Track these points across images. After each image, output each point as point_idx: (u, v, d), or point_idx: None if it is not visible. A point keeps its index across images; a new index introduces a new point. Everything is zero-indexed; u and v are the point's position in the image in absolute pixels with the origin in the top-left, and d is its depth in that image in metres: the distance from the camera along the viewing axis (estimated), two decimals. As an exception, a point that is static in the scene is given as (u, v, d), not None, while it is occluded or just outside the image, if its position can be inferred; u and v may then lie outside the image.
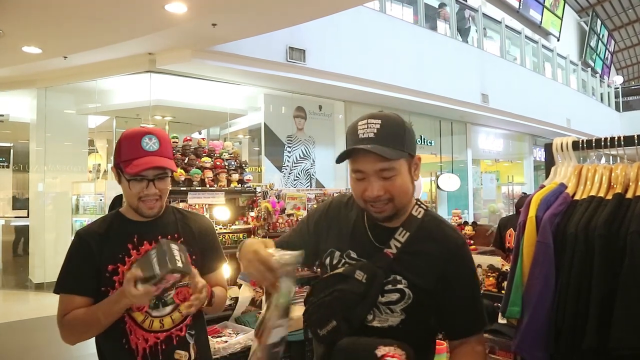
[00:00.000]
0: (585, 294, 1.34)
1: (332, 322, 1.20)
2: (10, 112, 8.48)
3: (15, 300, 7.60)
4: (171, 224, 1.60)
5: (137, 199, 1.50)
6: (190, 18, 5.26)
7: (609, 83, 19.18)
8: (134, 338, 1.46)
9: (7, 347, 5.06)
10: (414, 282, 1.23)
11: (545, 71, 14.34)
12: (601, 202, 1.44)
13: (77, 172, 8.33)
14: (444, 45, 9.97)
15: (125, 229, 1.53)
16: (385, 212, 1.23)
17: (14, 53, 6.38)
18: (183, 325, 1.54)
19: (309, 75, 7.50)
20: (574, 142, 1.67)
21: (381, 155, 1.16)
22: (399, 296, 1.23)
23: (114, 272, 1.47)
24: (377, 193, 1.20)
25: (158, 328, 1.49)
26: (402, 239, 1.25)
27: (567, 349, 1.36)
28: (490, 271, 2.41)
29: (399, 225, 1.27)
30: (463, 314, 1.27)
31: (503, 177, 14.43)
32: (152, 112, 7.81)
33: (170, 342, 1.50)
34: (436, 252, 1.25)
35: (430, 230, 1.29)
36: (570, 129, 13.44)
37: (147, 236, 1.53)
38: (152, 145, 1.48)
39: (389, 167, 1.19)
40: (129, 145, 1.49)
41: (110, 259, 1.47)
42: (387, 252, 1.24)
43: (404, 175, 1.22)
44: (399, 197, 1.22)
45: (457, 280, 1.26)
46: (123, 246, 1.50)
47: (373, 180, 1.20)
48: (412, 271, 1.23)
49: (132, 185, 1.49)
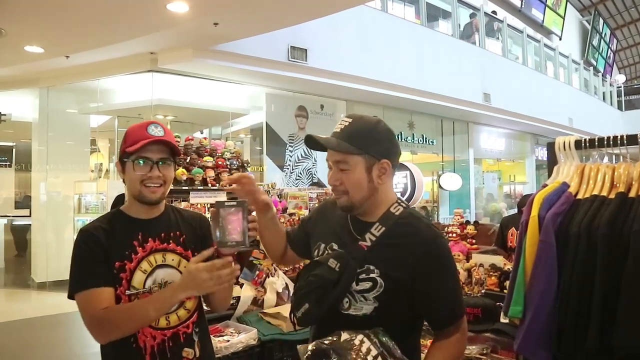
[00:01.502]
0: (588, 293, 1.33)
1: (305, 304, 1.33)
2: (12, 112, 8.49)
3: (17, 299, 7.61)
4: (173, 222, 1.60)
5: (140, 182, 1.49)
6: (192, 17, 5.26)
7: (611, 82, 19.13)
8: (142, 336, 1.45)
9: (9, 346, 5.07)
10: (385, 272, 1.32)
11: (547, 70, 14.32)
12: (604, 201, 1.43)
13: (79, 171, 8.33)
14: (446, 44, 9.96)
15: (129, 226, 1.52)
16: (342, 202, 1.38)
17: (16, 52, 6.39)
18: (190, 322, 1.54)
19: (310, 75, 7.50)
20: (576, 141, 1.67)
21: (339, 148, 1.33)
22: (372, 284, 1.32)
23: (121, 269, 1.45)
24: (332, 182, 1.39)
25: (165, 325, 1.48)
26: (377, 233, 1.36)
27: (569, 348, 1.36)
28: (493, 270, 2.41)
29: (376, 220, 1.38)
30: (438, 305, 1.34)
31: (505, 176, 14.42)
32: (154, 111, 7.81)
33: (178, 340, 1.50)
34: (409, 245, 1.33)
35: (406, 226, 1.37)
36: (572, 128, 13.41)
37: (151, 234, 1.53)
38: (157, 132, 1.51)
39: (342, 160, 1.35)
40: (136, 132, 1.51)
41: (117, 255, 1.46)
42: (361, 244, 1.36)
43: (358, 173, 1.35)
44: (352, 190, 1.36)
45: (430, 274, 1.32)
46: (129, 243, 1.49)
47: (334, 170, 1.38)
48: (384, 262, 1.32)
49: (136, 167, 1.48)
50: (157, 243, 1.52)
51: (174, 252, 1.54)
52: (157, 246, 1.52)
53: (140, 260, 1.48)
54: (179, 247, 1.56)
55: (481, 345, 1.84)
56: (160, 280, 1.49)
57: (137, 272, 1.46)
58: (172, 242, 1.55)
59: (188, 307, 1.54)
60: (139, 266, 1.47)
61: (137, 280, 1.46)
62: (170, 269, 1.52)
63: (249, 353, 2.51)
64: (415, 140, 10.68)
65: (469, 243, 3.34)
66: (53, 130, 8.14)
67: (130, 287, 1.45)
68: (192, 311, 1.55)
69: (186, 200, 3.27)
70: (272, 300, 3.02)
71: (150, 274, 1.48)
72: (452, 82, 9.61)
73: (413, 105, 9.74)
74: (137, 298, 1.45)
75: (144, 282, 1.47)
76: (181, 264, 1.54)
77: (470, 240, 3.39)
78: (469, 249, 3.15)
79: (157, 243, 1.52)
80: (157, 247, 1.52)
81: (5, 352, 4.87)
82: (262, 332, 2.64)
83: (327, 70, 7.61)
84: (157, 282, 1.49)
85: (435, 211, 11.64)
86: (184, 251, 1.56)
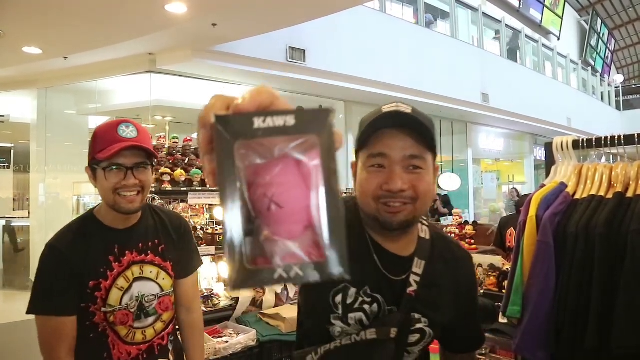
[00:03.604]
0: (586, 292, 1.34)
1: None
2: (10, 113, 8.48)
3: (16, 300, 7.60)
4: (151, 229, 1.49)
5: (114, 191, 1.35)
6: (190, 18, 5.26)
7: (609, 82, 19.17)
8: (116, 352, 1.39)
9: (8, 347, 5.07)
10: (434, 320, 1.06)
11: (545, 70, 14.33)
12: (602, 201, 1.44)
13: (77, 172, 8.31)
14: (444, 45, 9.97)
15: (104, 239, 1.40)
16: (403, 214, 0.96)
17: (14, 53, 6.38)
18: (164, 333, 1.49)
19: (309, 75, 7.50)
20: (574, 141, 1.67)
21: (419, 136, 0.96)
22: (419, 337, 1.05)
23: (96, 288, 1.36)
24: (401, 186, 0.94)
25: (140, 340, 1.43)
26: (420, 271, 1.03)
27: (568, 348, 1.36)
28: (491, 270, 2.41)
29: (413, 254, 1.05)
30: (466, 330, 1.18)
31: (504, 176, 14.43)
32: (153, 112, 7.81)
33: (152, 352, 1.45)
34: (451, 279, 1.10)
35: (441, 253, 1.10)
36: (570, 128, 13.43)
37: (128, 245, 1.42)
38: (129, 133, 1.37)
39: (421, 155, 0.97)
40: (104, 135, 1.37)
41: (92, 274, 1.36)
42: (410, 291, 1.01)
43: (431, 175, 0.99)
44: (423, 199, 0.97)
45: (471, 301, 1.17)
46: (104, 259, 1.38)
47: (398, 169, 0.95)
48: (432, 307, 1.05)
49: (108, 175, 1.34)
50: (134, 255, 1.43)
51: (152, 263, 1.46)
52: (135, 258, 1.43)
53: (116, 277, 1.39)
54: (158, 257, 1.47)
55: (480, 345, 1.85)
56: (137, 293, 1.42)
57: (113, 289, 1.38)
58: (151, 252, 1.46)
59: (165, 318, 1.49)
60: (115, 283, 1.38)
61: (114, 299, 1.38)
62: (148, 281, 1.44)
63: (247, 354, 2.52)
64: (414, 140, 10.68)
65: (467, 243, 3.34)
66: (51, 131, 8.13)
67: (107, 305, 1.37)
68: (168, 323, 1.51)
69: (184, 201, 3.27)
70: (271, 301, 3.02)
71: (127, 290, 1.40)
72: (451, 83, 9.62)
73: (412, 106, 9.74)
74: (113, 315, 1.37)
75: (120, 299, 1.39)
76: (159, 275, 1.47)
77: (469, 241, 3.40)
78: (468, 249, 3.16)
79: (135, 255, 1.43)
80: (134, 260, 1.43)
81: (5, 353, 4.86)
82: (260, 333, 2.64)
83: (325, 71, 7.61)
84: (135, 296, 1.42)
85: (434, 211, 11.64)
86: (162, 262, 1.48)
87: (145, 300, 1.43)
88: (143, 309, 1.43)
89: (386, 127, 0.96)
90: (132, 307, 1.40)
